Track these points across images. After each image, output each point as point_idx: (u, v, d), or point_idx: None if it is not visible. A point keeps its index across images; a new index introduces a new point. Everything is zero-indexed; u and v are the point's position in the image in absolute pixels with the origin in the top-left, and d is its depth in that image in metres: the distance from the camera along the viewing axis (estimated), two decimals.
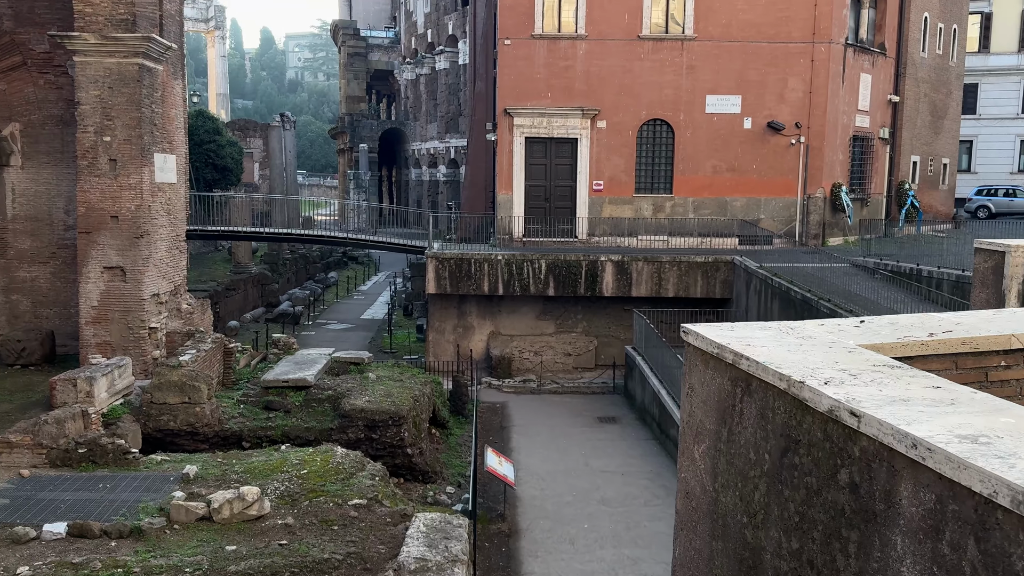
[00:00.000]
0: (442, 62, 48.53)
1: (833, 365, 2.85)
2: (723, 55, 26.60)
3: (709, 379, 3.26)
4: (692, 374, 3.44)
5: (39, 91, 19.27)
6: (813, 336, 3.33)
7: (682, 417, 3.52)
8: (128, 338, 17.66)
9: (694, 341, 3.40)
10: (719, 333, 3.32)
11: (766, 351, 3.02)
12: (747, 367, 2.95)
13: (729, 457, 3.09)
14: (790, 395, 2.69)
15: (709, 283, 24.25)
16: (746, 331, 3.38)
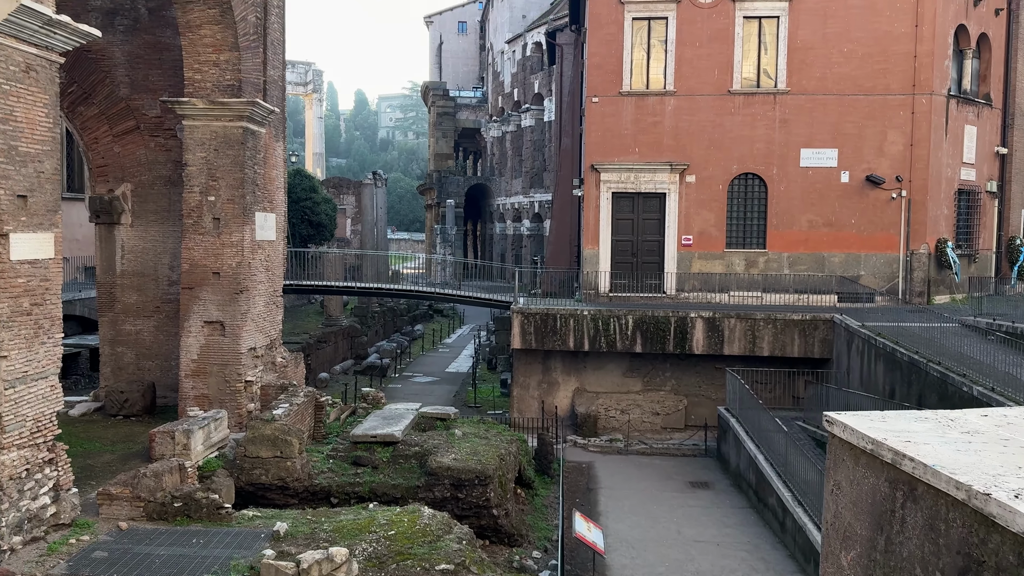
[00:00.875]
0: (528, 119, 49.29)
1: (1017, 471, 2.49)
2: (818, 108, 26.02)
3: (860, 478, 2.92)
4: (838, 470, 3.10)
5: (150, 153, 20.34)
6: (981, 431, 2.96)
7: (826, 517, 3.17)
8: (225, 391, 18.08)
9: (841, 433, 3.07)
10: (870, 425, 2.98)
11: (931, 450, 2.68)
12: (911, 469, 2.61)
13: (887, 571, 2.73)
14: (970, 507, 2.35)
15: (807, 342, 23.28)
16: (900, 423, 3.04)
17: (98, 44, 18.54)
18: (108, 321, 20.67)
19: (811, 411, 21.50)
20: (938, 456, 2.63)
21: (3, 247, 9.97)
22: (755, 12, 26.15)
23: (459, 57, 66.11)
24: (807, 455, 16.19)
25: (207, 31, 17.33)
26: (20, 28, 10.13)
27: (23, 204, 10.36)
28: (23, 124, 10.37)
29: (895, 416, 3.08)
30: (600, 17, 26.45)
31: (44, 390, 10.93)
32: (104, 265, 20.60)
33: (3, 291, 10.00)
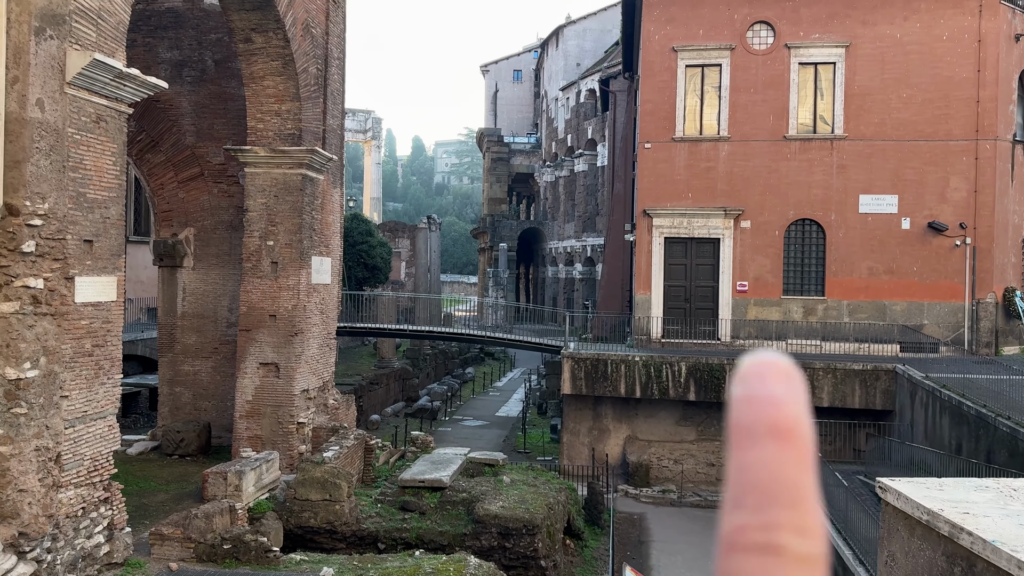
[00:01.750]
0: (581, 164, 49.59)
1: None
2: (876, 154, 25.57)
3: (916, 550, 2.77)
4: (892, 540, 2.95)
5: (213, 199, 21.02)
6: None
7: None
8: (277, 432, 18.29)
9: (895, 501, 2.93)
10: (926, 494, 2.84)
11: (991, 523, 2.53)
12: (969, 544, 2.47)
13: None
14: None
15: (868, 393, 22.53)
16: (959, 492, 2.88)
17: (167, 94, 19.36)
18: (167, 361, 21.20)
19: (873, 465, 20.69)
20: (999, 531, 2.48)
21: (68, 290, 10.34)
22: (811, 58, 25.99)
23: (513, 104, 67.14)
24: (869, 512, 15.54)
25: (270, 82, 17.97)
26: (92, 81, 10.64)
27: (89, 248, 10.76)
28: (92, 172, 10.83)
29: (953, 484, 2.93)
30: (653, 65, 26.61)
31: (102, 430, 11.20)
32: (166, 307, 21.21)
33: (67, 333, 10.35)
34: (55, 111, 10.17)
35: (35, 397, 9.93)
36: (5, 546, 9.47)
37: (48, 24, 10.03)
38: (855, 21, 25.78)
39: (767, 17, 26.12)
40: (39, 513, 10.00)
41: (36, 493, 9.97)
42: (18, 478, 9.73)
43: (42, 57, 9.93)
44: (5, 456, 9.59)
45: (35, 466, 9.96)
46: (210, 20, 20.44)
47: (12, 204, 9.64)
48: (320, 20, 19.26)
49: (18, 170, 9.67)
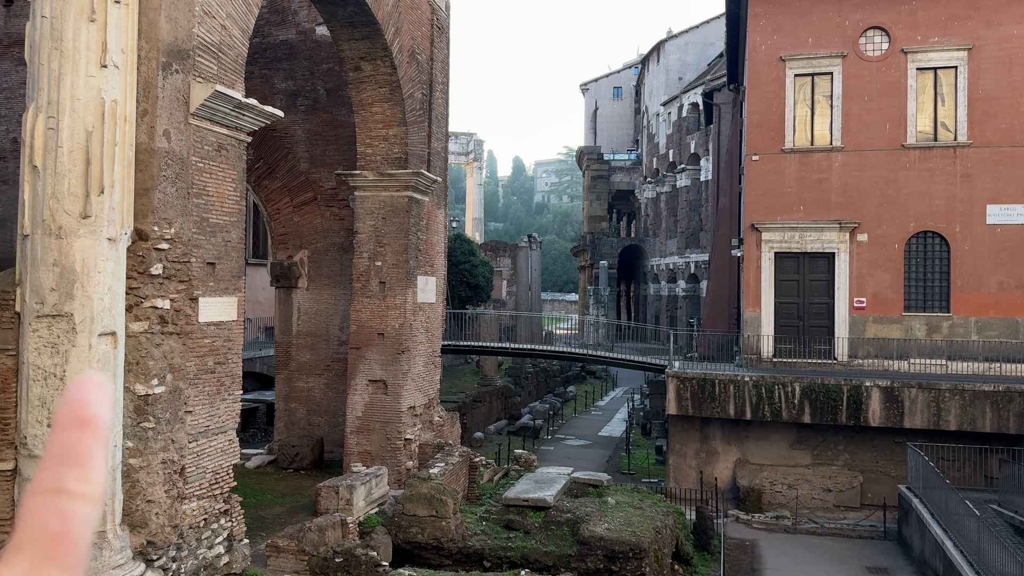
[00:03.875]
0: (683, 179, 48.79)
1: None
2: (1005, 161, 23.96)
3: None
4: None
5: (325, 222, 21.78)
6: None
7: None
8: (386, 448, 18.65)
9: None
10: None
11: None
12: None
13: None
14: None
15: (1000, 416, 20.99)
16: None
17: (282, 123, 20.25)
18: (283, 378, 22.02)
19: (1007, 493, 19.22)
20: None
21: (192, 310, 10.89)
22: (930, 63, 24.69)
23: (613, 121, 66.88)
24: (1005, 544, 14.40)
25: (378, 108, 18.52)
26: (214, 112, 11.22)
27: (211, 271, 11.31)
28: (214, 198, 11.39)
29: None
30: (760, 75, 25.91)
31: (223, 444, 11.69)
32: (282, 326, 22.07)
33: (191, 351, 10.88)
34: (180, 141, 10.77)
35: (162, 412, 10.46)
36: (135, 554, 9.98)
37: (174, 59, 10.65)
38: (978, 22, 24.35)
39: (881, 22, 25.02)
40: (165, 523, 10.50)
41: (162, 504, 10.48)
42: (146, 489, 10.26)
43: (169, 90, 10.55)
44: (135, 468, 10.13)
45: (162, 478, 10.47)
46: (322, 51, 21.30)
47: (142, 229, 10.24)
48: (425, 46, 19.74)
49: (147, 197, 10.27)
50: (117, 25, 9.63)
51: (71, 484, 0.54)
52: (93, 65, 9.42)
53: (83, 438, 0.56)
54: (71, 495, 0.54)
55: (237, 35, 11.98)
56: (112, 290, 9.63)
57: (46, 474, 0.55)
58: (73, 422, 0.56)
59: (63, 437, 0.56)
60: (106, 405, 0.58)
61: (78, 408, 0.57)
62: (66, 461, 0.55)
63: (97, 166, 9.39)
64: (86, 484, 0.55)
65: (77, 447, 0.55)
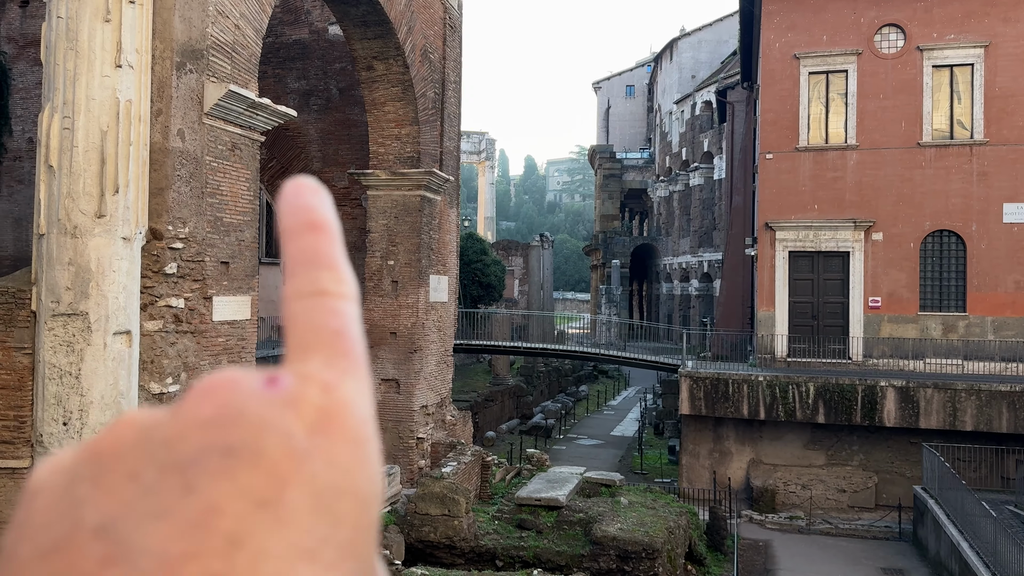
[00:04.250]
0: (696, 178, 48.60)
1: None
2: (1022, 160, 23.74)
3: None
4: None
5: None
6: None
7: None
8: (398, 447, 18.68)
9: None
10: None
11: None
12: None
13: None
14: None
15: (1018, 416, 20.79)
16: None
17: (295, 123, 20.30)
18: None
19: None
20: None
21: (206, 309, 10.92)
22: (946, 61, 24.47)
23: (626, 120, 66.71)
24: (1021, 545, 14.26)
25: (390, 108, 18.54)
26: (227, 111, 11.26)
27: (225, 270, 11.34)
28: (228, 197, 11.43)
29: None
30: (774, 73, 25.76)
31: None
32: None
33: (205, 349, 10.92)
34: (194, 140, 10.80)
35: None
36: None
37: (188, 59, 10.69)
38: (995, 19, 24.11)
39: (896, 20, 24.82)
40: None
41: None
42: None
43: (183, 90, 10.59)
44: None
45: None
46: (334, 50, 21.34)
47: (156, 228, 10.28)
48: (437, 45, 19.74)
49: (161, 197, 10.31)
50: (132, 25, 9.68)
51: (329, 285, 0.52)
52: (108, 65, 9.47)
53: (321, 241, 0.53)
54: (333, 295, 0.51)
55: (251, 35, 12.01)
56: (127, 289, 9.68)
57: (300, 279, 0.52)
58: (305, 227, 0.53)
59: (300, 243, 0.53)
60: (330, 206, 0.55)
61: (305, 213, 0.54)
62: (315, 264, 0.52)
63: (112, 166, 9.44)
64: (343, 284, 0.52)
65: (318, 250, 0.53)
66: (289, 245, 0.53)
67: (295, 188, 0.55)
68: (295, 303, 0.51)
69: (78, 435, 9.33)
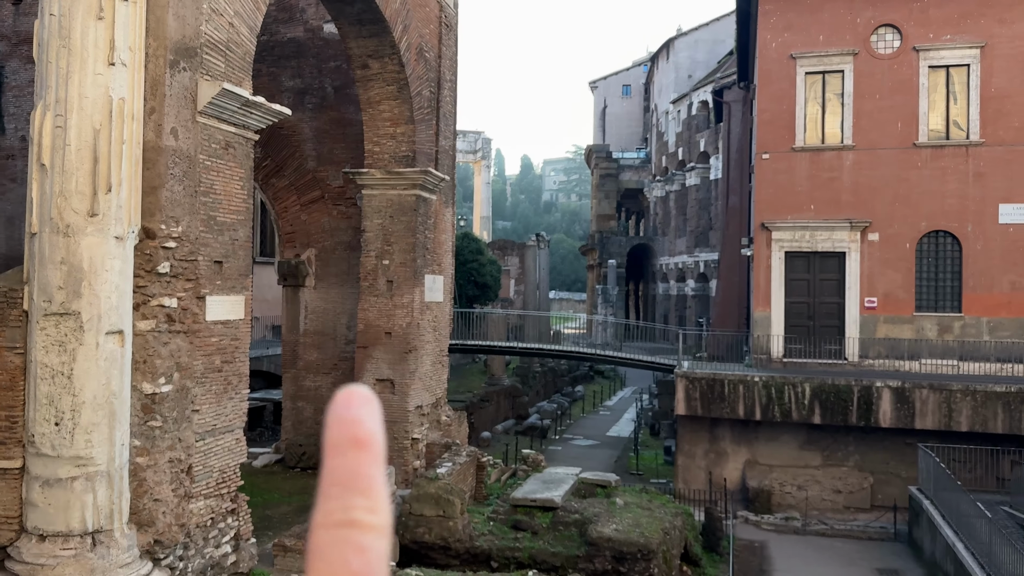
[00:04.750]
0: (692, 178, 48.59)
1: None
2: (1018, 160, 23.76)
3: None
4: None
5: (332, 220, 21.74)
6: None
7: None
8: (393, 448, 18.59)
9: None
10: None
11: None
12: None
13: None
14: None
15: (1013, 417, 20.81)
16: None
17: (290, 121, 20.21)
18: (291, 377, 22.00)
19: (1019, 495, 19.06)
20: None
21: (200, 309, 10.85)
22: (942, 61, 24.49)
23: (622, 119, 66.70)
24: (1016, 546, 14.26)
25: (385, 106, 18.46)
26: (221, 110, 11.18)
27: (219, 269, 11.27)
28: (221, 196, 11.35)
29: None
30: (770, 73, 25.75)
31: (230, 443, 11.66)
32: (289, 324, 22.05)
33: (198, 349, 10.84)
34: (188, 139, 10.73)
35: (169, 411, 10.43)
36: (142, 552, 9.95)
37: (182, 57, 10.62)
38: (991, 20, 24.14)
39: (893, 20, 24.83)
40: (172, 522, 10.47)
41: (170, 503, 10.45)
42: (153, 488, 10.23)
43: (176, 88, 10.51)
44: (142, 467, 10.10)
45: (169, 477, 10.44)
46: (329, 48, 21.25)
47: (149, 227, 10.20)
48: (433, 44, 19.68)
49: (154, 195, 10.24)
50: (125, 23, 9.60)
51: (360, 515, 0.51)
52: (101, 63, 9.39)
53: (362, 461, 0.52)
54: (362, 527, 0.50)
55: (245, 33, 11.94)
56: (119, 288, 9.60)
57: (332, 503, 0.51)
58: (349, 443, 0.52)
59: (341, 461, 0.52)
60: (379, 422, 0.54)
61: (351, 427, 0.53)
62: (350, 488, 0.51)
63: (104, 164, 9.36)
64: (375, 514, 0.51)
65: (357, 471, 0.52)
66: (329, 460, 0.52)
67: (346, 398, 0.55)
68: (323, 532, 0.50)
69: (70, 435, 9.26)
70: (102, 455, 9.37)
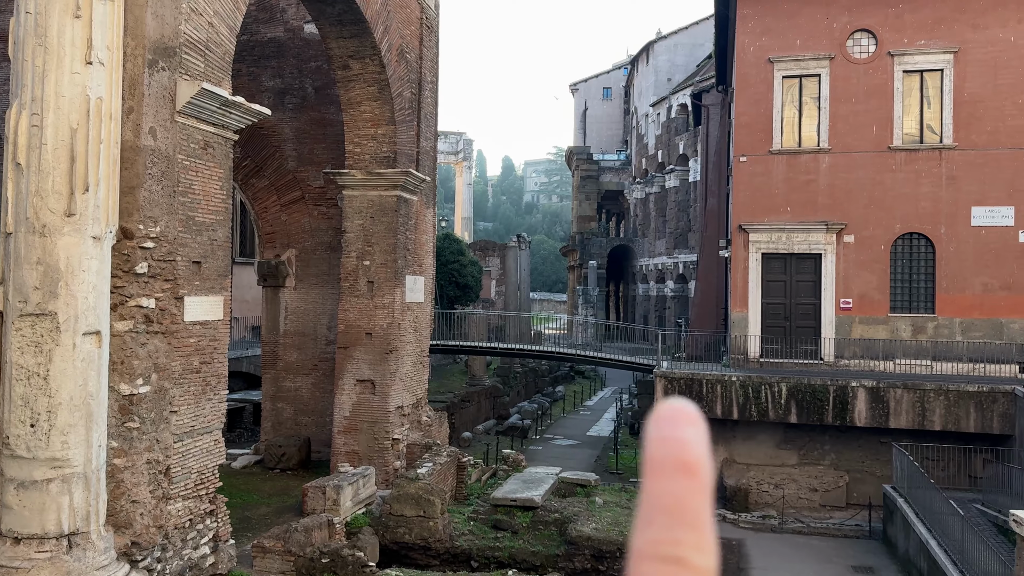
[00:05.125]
0: (672, 180, 48.91)
1: None
2: (989, 164, 24.15)
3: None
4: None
5: (313, 221, 21.70)
6: None
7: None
8: (374, 448, 18.60)
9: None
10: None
11: None
12: None
13: None
14: None
15: (984, 416, 21.16)
16: None
17: (270, 121, 20.16)
18: (270, 378, 21.92)
19: (991, 493, 19.38)
20: None
21: (178, 309, 10.82)
22: (916, 66, 24.85)
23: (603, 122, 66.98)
24: (988, 543, 14.53)
25: (366, 107, 18.47)
26: (200, 109, 11.16)
27: (197, 270, 11.24)
28: (200, 196, 11.33)
29: None
30: (748, 77, 26.01)
31: (208, 444, 11.63)
32: (269, 325, 21.98)
33: (176, 350, 10.81)
34: (166, 139, 10.70)
35: (147, 412, 10.39)
36: (119, 555, 9.91)
37: (160, 56, 10.59)
38: (964, 25, 24.53)
39: (868, 25, 25.17)
40: (150, 524, 10.43)
41: (147, 504, 10.41)
42: (131, 490, 10.19)
43: (155, 88, 10.48)
44: (119, 468, 10.06)
45: (146, 478, 10.40)
46: (310, 49, 21.22)
47: (127, 228, 10.17)
48: (414, 45, 19.71)
49: (132, 195, 10.20)
50: (103, 22, 9.56)
51: (689, 553, 0.47)
52: (78, 62, 9.35)
53: (690, 489, 0.48)
54: (691, 569, 0.46)
55: (224, 33, 11.92)
56: (97, 289, 9.56)
57: (657, 533, 0.47)
58: (675, 467, 0.48)
59: (666, 485, 0.48)
60: (706, 445, 0.50)
61: (678, 449, 0.49)
62: (677, 519, 0.47)
63: (82, 164, 9.32)
64: (704, 554, 0.47)
65: (684, 501, 0.48)
66: (653, 482, 0.49)
67: (671, 414, 0.51)
68: (648, 565, 0.46)
69: (46, 437, 9.21)
70: (79, 457, 9.32)
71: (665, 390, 23.28)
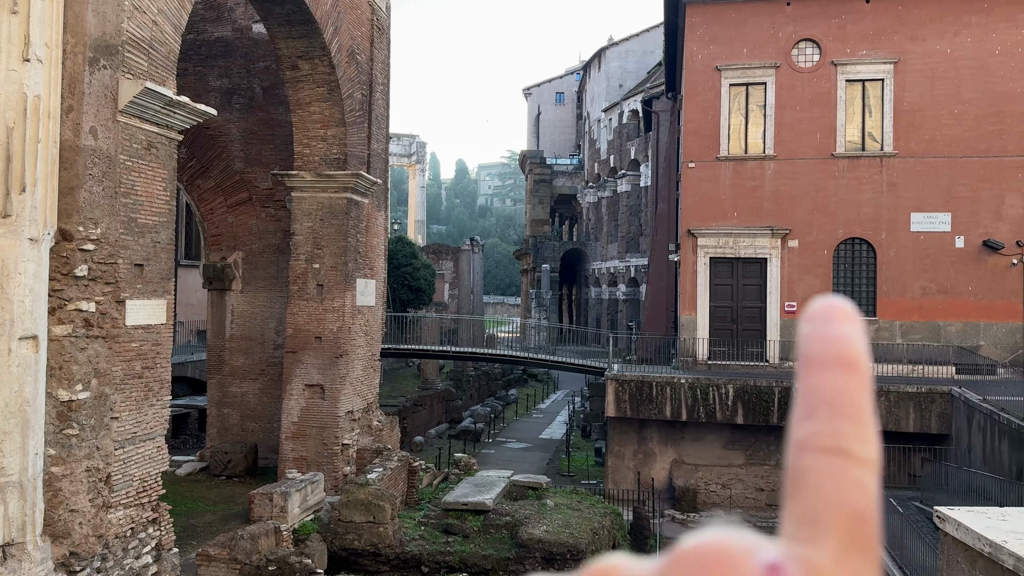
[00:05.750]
0: (623, 185, 49.46)
1: None
2: (928, 171, 24.99)
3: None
4: (952, 572, 2.80)
5: (261, 223, 21.40)
6: None
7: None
8: (322, 454, 18.40)
9: (954, 532, 2.78)
10: (988, 524, 2.69)
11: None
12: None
13: None
14: None
15: (923, 416, 21.84)
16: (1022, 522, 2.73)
17: (216, 121, 19.83)
18: (216, 383, 21.53)
19: (929, 491, 20.00)
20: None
21: (119, 313, 10.58)
22: (858, 75, 25.59)
23: (556, 126, 67.39)
24: (926, 539, 15.00)
25: (316, 108, 18.29)
26: (143, 109, 10.94)
27: (139, 272, 11.01)
28: (143, 197, 11.10)
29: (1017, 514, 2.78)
30: (697, 84, 26.46)
31: (151, 451, 11.38)
32: (215, 329, 21.59)
33: (117, 355, 10.57)
34: (108, 139, 10.46)
35: (86, 419, 10.13)
36: (56, 565, 9.63)
37: (102, 54, 10.35)
38: (904, 37, 25.35)
39: (813, 35, 25.84)
40: (89, 533, 10.16)
41: (87, 513, 10.14)
42: (69, 498, 9.92)
43: (96, 87, 10.25)
44: (57, 476, 9.78)
45: (86, 486, 10.14)
46: (258, 48, 20.95)
47: (66, 229, 9.91)
48: (365, 46, 19.59)
49: (72, 196, 9.95)
50: (41, 18, 9.32)
51: (853, 444, 0.45)
52: (15, 59, 9.09)
53: (852, 384, 0.47)
54: (855, 460, 0.45)
55: (169, 31, 11.71)
56: (34, 292, 9.30)
57: (820, 424, 0.46)
58: (836, 361, 0.47)
59: (827, 379, 0.47)
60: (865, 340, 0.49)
61: (839, 344, 0.47)
62: (840, 411, 0.46)
63: (18, 163, 9.06)
64: (868, 446, 0.46)
65: (847, 394, 0.47)
66: (811, 376, 0.48)
67: (827, 311, 0.49)
68: (810, 456, 0.46)
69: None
70: (14, 465, 9.05)
71: (616, 392, 23.51)
